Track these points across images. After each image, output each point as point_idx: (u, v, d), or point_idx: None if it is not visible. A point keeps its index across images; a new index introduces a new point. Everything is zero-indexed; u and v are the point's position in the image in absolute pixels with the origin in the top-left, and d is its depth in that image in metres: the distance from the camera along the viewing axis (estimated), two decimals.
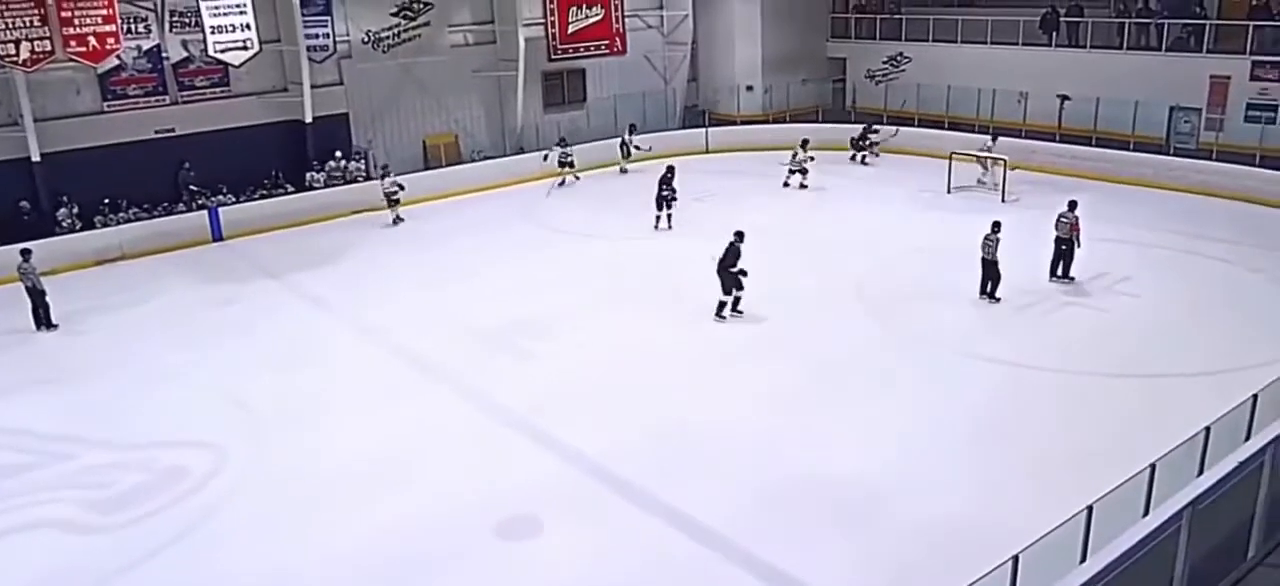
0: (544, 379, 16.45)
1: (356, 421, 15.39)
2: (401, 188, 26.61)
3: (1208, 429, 10.43)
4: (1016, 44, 31.61)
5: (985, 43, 32.38)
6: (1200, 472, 9.76)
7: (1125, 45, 29.41)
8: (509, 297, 20.32)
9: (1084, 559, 8.69)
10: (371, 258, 24.22)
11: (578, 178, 29.95)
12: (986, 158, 26.59)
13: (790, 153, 28.28)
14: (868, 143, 30.74)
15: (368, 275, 22.84)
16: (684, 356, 17.09)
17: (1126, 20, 29.71)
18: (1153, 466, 9.78)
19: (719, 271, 18.20)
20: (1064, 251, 19.27)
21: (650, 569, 11.31)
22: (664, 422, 14.62)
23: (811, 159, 27.90)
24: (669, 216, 23.96)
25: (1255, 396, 11.12)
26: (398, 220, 26.54)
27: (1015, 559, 8.60)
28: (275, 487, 13.54)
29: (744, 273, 18.15)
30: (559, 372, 16.71)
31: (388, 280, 22.35)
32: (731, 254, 18.15)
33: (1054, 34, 30.81)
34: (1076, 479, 10.65)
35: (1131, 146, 27.23)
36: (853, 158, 30.76)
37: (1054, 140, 28.84)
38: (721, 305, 18.42)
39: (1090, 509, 9.22)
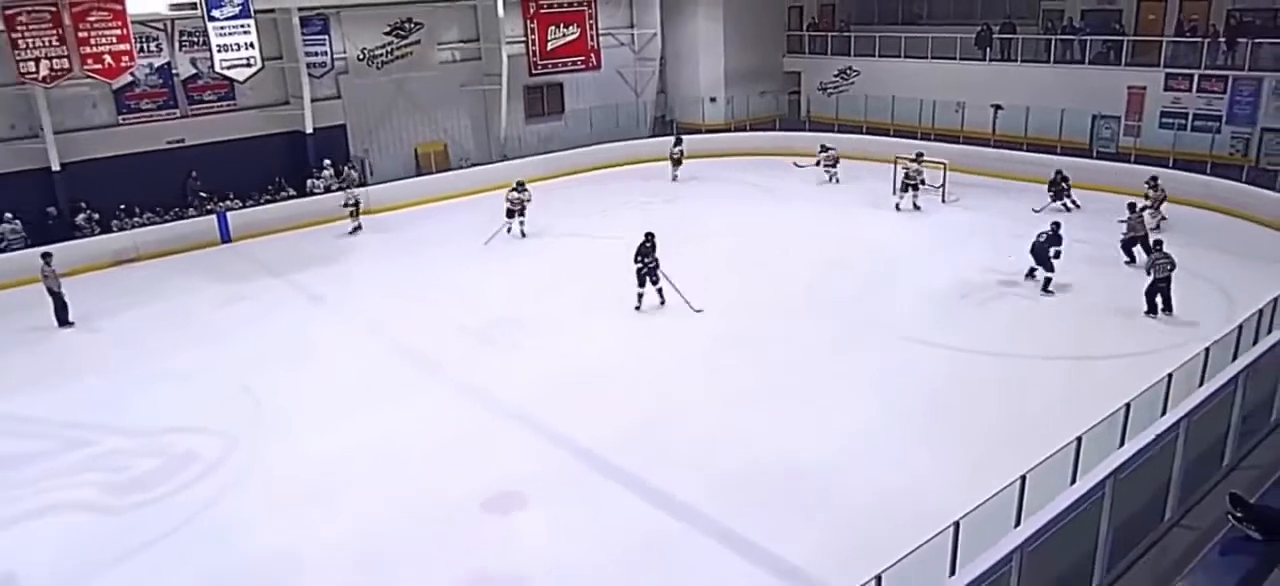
0: (529, 372, 16.38)
1: (355, 411, 15.30)
2: (358, 202, 26.38)
3: (1128, 405, 10.54)
4: (954, 59, 31.83)
5: (926, 57, 32.60)
6: (1121, 444, 9.86)
7: (1052, 59, 29.73)
8: (496, 297, 20.25)
9: (1018, 523, 8.76)
10: (367, 258, 24.12)
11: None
12: (916, 173, 25.48)
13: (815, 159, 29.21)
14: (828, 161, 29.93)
15: (364, 275, 22.75)
16: (659, 353, 17.05)
17: (1053, 36, 30.03)
18: (1079, 439, 9.85)
19: (644, 272, 18.52)
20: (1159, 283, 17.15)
21: (630, 541, 11.33)
22: (641, 412, 14.59)
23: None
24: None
25: (1170, 376, 11.24)
26: (357, 229, 26.16)
27: (956, 524, 8.66)
28: (280, 472, 13.49)
29: (654, 267, 18.49)
30: (543, 367, 16.64)
31: (382, 279, 22.25)
32: (643, 250, 18.42)
33: (988, 49, 31.09)
34: (1012, 452, 10.70)
35: (1058, 151, 27.45)
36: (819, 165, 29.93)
37: (988, 146, 29.04)
38: (640, 297, 18.61)
39: (1023, 479, 9.29)
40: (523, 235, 23.36)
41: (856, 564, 8.97)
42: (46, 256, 20.25)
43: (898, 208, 24.67)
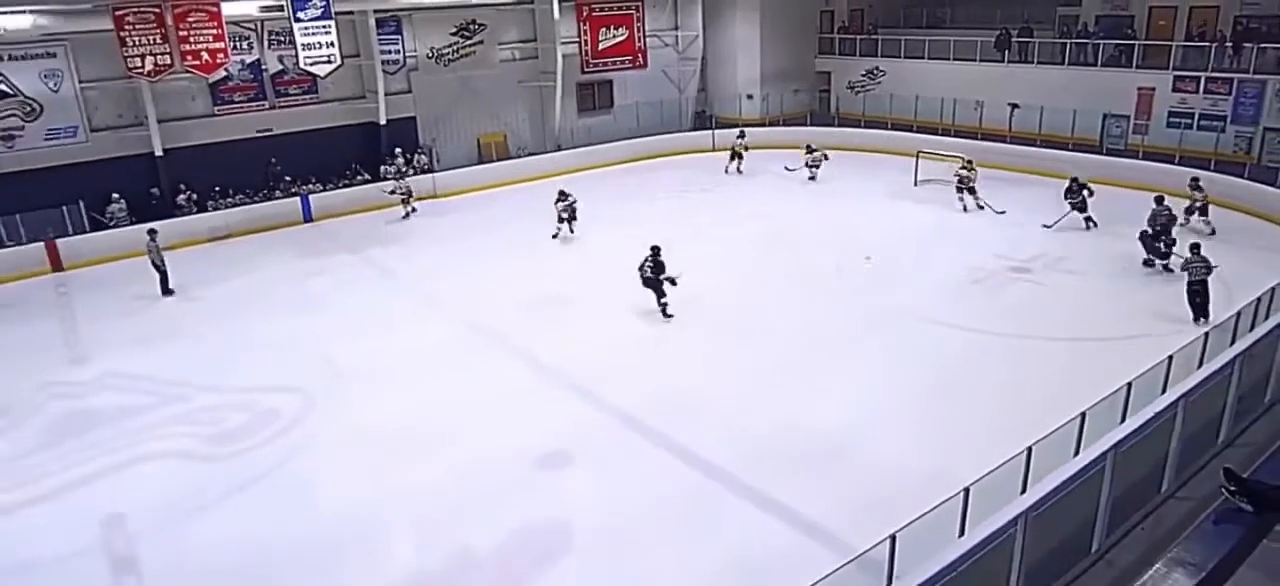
0: (575, 344, 16.40)
1: (420, 375, 15.44)
2: (410, 191, 26.25)
3: (1129, 385, 10.35)
4: (974, 60, 31.19)
5: (948, 59, 31.99)
6: (1122, 420, 9.71)
7: (1067, 61, 29.03)
8: (548, 275, 20.28)
9: (1024, 491, 8.67)
10: (434, 238, 24.22)
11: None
12: (967, 177, 24.03)
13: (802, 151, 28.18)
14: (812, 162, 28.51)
15: (431, 253, 22.87)
16: (694, 327, 16.95)
17: (1068, 40, 29.34)
18: (1083, 415, 9.71)
19: (645, 282, 17.13)
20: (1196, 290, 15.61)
21: (666, 497, 11.36)
22: (677, 382, 14.59)
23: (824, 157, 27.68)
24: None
25: (1170, 358, 11.02)
26: (407, 215, 25.96)
27: (966, 490, 8.59)
28: (354, 428, 13.64)
29: (672, 280, 16.98)
30: (588, 339, 16.67)
31: (447, 257, 22.34)
32: (653, 265, 17.12)
33: (1006, 51, 30.44)
34: (1019, 426, 10.56)
35: (1070, 147, 26.88)
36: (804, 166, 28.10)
37: (1005, 142, 28.48)
38: (664, 305, 17.14)
39: (1030, 450, 9.18)
40: (572, 232, 22.58)
41: (872, 523, 8.92)
42: (152, 232, 20.58)
43: (964, 209, 23.26)
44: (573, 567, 10.10)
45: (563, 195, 22.50)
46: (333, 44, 25.64)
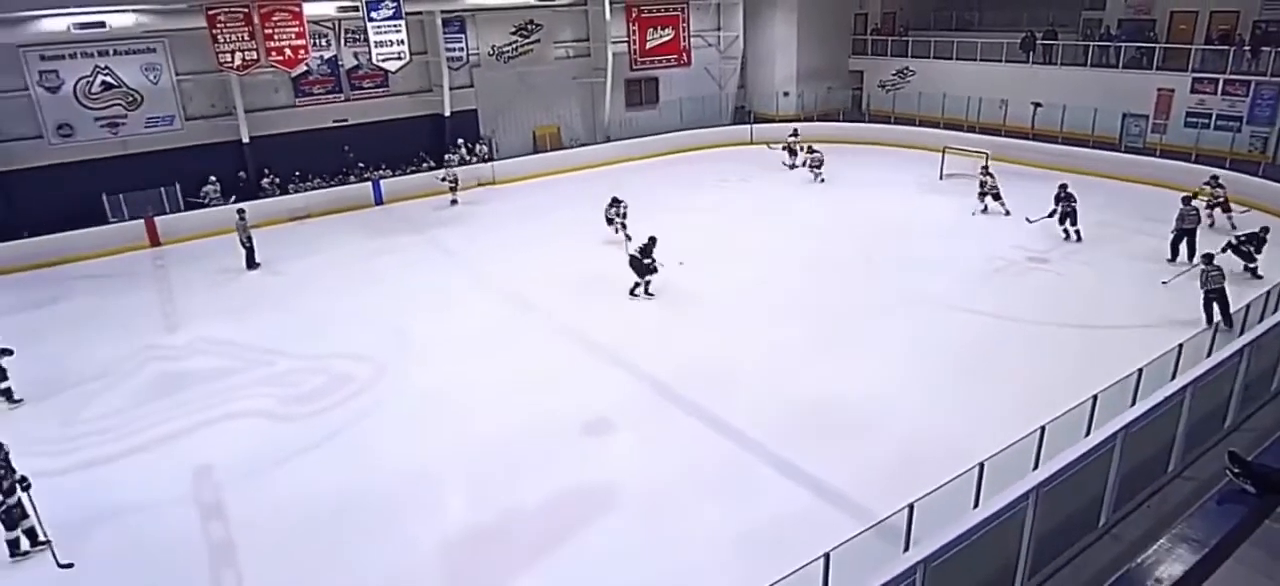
0: (620, 320, 16.48)
1: (478, 346, 15.60)
2: (457, 179, 26.45)
3: (1140, 370, 10.17)
4: (1000, 61, 30.53)
5: (975, 60, 31.36)
6: (1133, 404, 9.55)
7: (1089, 63, 28.30)
8: (595, 256, 20.32)
9: (1036, 467, 8.59)
10: (492, 221, 24.39)
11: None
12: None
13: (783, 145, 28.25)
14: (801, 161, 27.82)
15: (487, 234, 23.02)
16: (732, 306, 16.97)
17: (1091, 42, 28.60)
18: (1094, 398, 9.56)
19: (632, 264, 17.39)
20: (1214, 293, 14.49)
21: (701, 462, 11.42)
22: (713, 356, 14.59)
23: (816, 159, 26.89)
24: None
25: (1181, 346, 10.81)
26: (455, 202, 26.10)
27: (981, 465, 8.54)
28: (416, 393, 13.84)
29: (653, 267, 17.31)
30: (631, 316, 16.74)
31: (503, 238, 22.48)
32: (645, 250, 17.37)
33: (1031, 53, 29.76)
34: (1034, 407, 10.44)
35: (1090, 144, 26.27)
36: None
37: (1027, 138, 27.89)
38: (635, 287, 17.43)
39: (1043, 429, 9.09)
40: (628, 239, 20.34)
41: (892, 492, 8.92)
42: (241, 212, 21.00)
43: (985, 212, 22.16)
44: (614, 524, 10.20)
45: (615, 202, 21.52)
46: (403, 42, 25.93)
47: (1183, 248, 17.75)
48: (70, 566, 9.95)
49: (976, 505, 8.18)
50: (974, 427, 11.36)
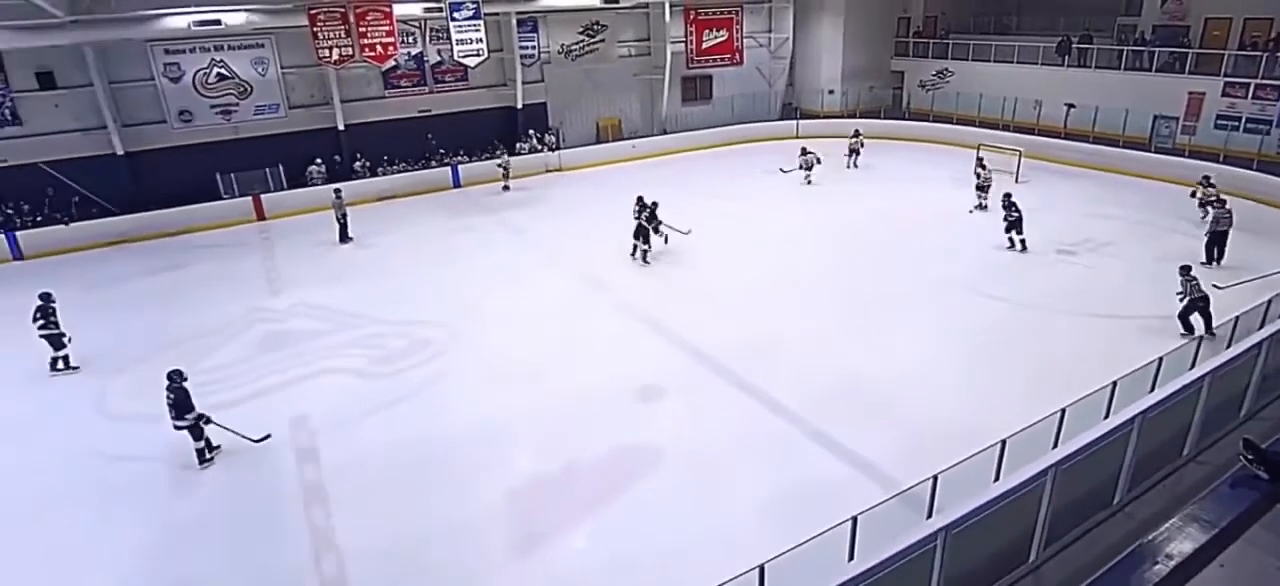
0: (673, 298, 16.46)
1: (543, 316, 15.75)
2: (508, 167, 26.49)
3: (1161, 359, 9.84)
4: (1036, 64, 29.48)
5: (1012, 62, 30.35)
6: (1151, 390, 9.25)
7: (1123, 67, 27.17)
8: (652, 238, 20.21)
9: (1055, 446, 8.39)
10: (557, 203, 24.52)
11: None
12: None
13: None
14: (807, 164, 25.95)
15: (553, 217, 23.11)
16: (774, 286, 16.83)
17: (1126, 47, 27.44)
18: (1114, 383, 9.30)
19: (638, 230, 18.15)
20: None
21: (742, 430, 11.41)
22: (755, 333, 14.50)
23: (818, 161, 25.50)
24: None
25: (1200, 338, 10.40)
26: (506, 188, 26.16)
27: (1003, 442, 8.38)
28: (487, 357, 14.03)
29: (656, 226, 18.23)
30: (682, 294, 16.70)
31: (568, 219, 22.61)
32: (648, 218, 18.16)
33: (1066, 56, 28.68)
34: (1054, 390, 10.19)
35: (1121, 144, 25.28)
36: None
37: (1059, 138, 26.93)
38: (635, 248, 18.23)
39: (1063, 411, 8.87)
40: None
41: (917, 463, 8.82)
42: (338, 191, 21.50)
43: (984, 208, 21.19)
44: (662, 480, 10.28)
45: (641, 204, 18.79)
46: (481, 40, 26.05)
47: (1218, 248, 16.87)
48: (267, 438, 11.47)
49: (997, 479, 8.03)
50: (996, 407, 11.13)
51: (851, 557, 7.15)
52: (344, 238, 21.06)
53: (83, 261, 20.71)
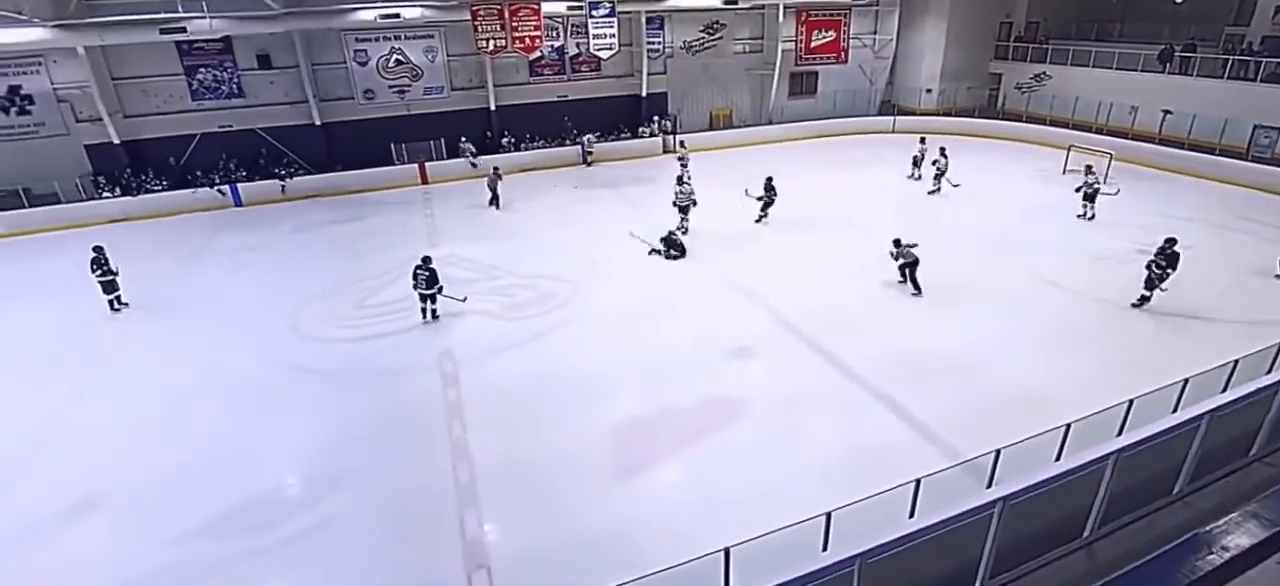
0: (762, 267, 16.17)
1: (650, 278, 15.81)
2: (590, 153, 26.49)
3: (1236, 361, 8.91)
4: (1136, 70, 26.84)
5: (1111, 68, 27.75)
6: (1224, 390, 8.41)
7: (1227, 75, 24.35)
8: (747, 216, 19.71)
9: (1120, 433, 7.81)
10: (668, 182, 24.28)
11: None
12: (1091, 184, 19.03)
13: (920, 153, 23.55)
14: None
15: (665, 192, 22.93)
16: (852, 261, 16.23)
17: (1232, 57, 24.55)
18: (1186, 380, 8.51)
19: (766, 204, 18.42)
20: None
21: (817, 389, 11.20)
22: (834, 303, 14.11)
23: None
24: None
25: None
26: (589, 163, 26.26)
27: (1067, 426, 7.87)
28: (602, 312, 14.22)
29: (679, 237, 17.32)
30: (774, 265, 16.36)
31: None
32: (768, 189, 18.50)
33: (1168, 64, 25.95)
34: (1124, 380, 9.44)
35: (1216, 152, 22.76)
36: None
37: (1153, 143, 24.47)
38: (670, 245, 16.93)
39: (1131, 401, 8.22)
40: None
41: (979, 435, 8.41)
42: (496, 169, 22.08)
43: (1091, 217, 18.96)
44: (744, 429, 10.25)
45: (681, 176, 19.72)
46: (614, 35, 26.19)
47: None
48: (464, 299, 13.58)
49: (1058, 458, 7.56)
50: (1063, 391, 10.47)
51: (912, 515, 6.94)
52: (493, 202, 21.78)
53: (286, 211, 22.39)
